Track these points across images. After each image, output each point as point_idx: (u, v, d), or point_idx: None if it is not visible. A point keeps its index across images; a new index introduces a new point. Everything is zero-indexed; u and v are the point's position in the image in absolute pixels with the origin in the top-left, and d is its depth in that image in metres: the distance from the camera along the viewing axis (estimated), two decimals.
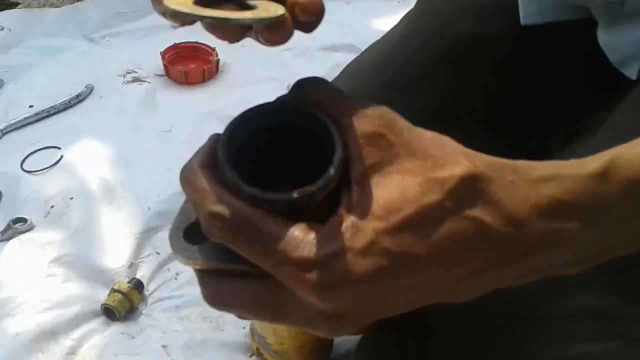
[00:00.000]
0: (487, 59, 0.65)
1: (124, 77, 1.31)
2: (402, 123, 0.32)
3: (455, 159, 0.31)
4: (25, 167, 1.11)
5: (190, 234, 0.35)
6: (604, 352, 0.44)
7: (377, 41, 0.85)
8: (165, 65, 1.33)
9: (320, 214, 0.31)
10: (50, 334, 0.88)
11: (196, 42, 1.37)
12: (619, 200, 0.32)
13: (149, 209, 1.03)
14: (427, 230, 0.30)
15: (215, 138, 0.34)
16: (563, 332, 0.45)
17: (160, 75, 1.34)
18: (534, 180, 0.32)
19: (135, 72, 1.33)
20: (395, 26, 0.82)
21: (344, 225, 0.30)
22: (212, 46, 1.35)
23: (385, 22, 1.27)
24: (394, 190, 0.30)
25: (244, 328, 0.90)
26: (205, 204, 0.32)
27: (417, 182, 0.30)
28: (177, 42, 1.36)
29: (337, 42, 1.40)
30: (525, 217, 0.31)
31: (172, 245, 0.35)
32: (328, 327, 0.32)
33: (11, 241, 0.99)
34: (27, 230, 1.00)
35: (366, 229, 0.30)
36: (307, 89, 0.35)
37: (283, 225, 0.31)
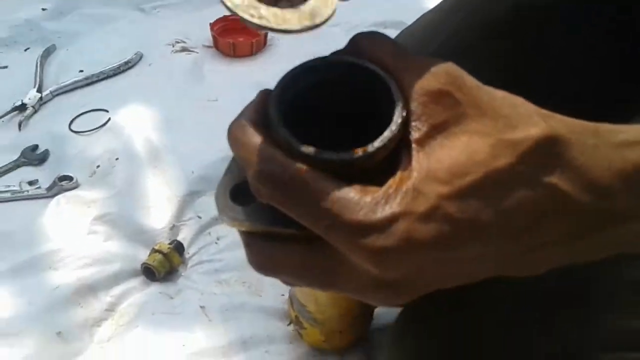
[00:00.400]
0: (528, 33, 0.63)
1: (173, 46, 1.32)
2: (471, 81, 0.29)
3: (530, 120, 0.28)
4: (73, 127, 1.12)
5: (238, 194, 0.33)
6: None
7: (428, 11, 0.83)
8: (214, 37, 1.32)
9: (376, 177, 0.29)
10: (89, 289, 0.88)
11: None
12: None
13: (193, 172, 1.02)
14: (496, 196, 0.27)
15: (264, 94, 0.32)
16: (614, 306, 0.42)
17: (209, 47, 1.33)
18: (618, 145, 0.29)
19: (184, 42, 1.33)
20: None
21: (404, 188, 0.28)
22: None
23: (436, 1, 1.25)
24: (461, 152, 0.28)
25: (283, 295, 0.88)
26: (254, 162, 0.29)
27: (487, 143, 0.28)
28: (227, 15, 1.36)
29: (387, 18, 1.38)
30: (608, 185, 0.28)
31: (218, 206, 0.32)
32: (381, 296, 0.30)
33: (56, 197, 1.00)
34: (72, 188, 1.01)
35: (428, 192, 0.27)
36: (364, 43, 0.32)
37: (337, 186, 0.28)
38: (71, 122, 1.13)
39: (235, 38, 1.34)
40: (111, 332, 0.84)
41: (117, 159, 1.05)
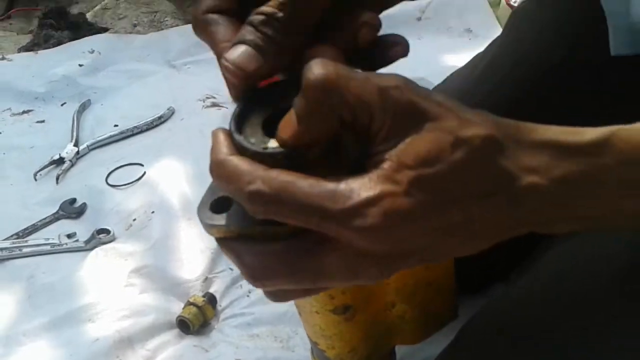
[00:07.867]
0: (578, 86, 0.65)
1: (204, 101, 1.37)
2: (424, 90, 0.37)
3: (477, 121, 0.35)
4: (109, 181, 1.17)
5: (217, 207, 0.38)
6: None
7: (460, 69, 0.86)
8: None
9: (321, 170, 0.34)
10: (128, 342, 0.90)
11: None
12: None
13: None
14: (460, 176, 0.33)
15: (220, 129, 0.37)
16: None
17: None
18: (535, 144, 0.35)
19: (214, 97, 1.38)
20: (479, 55, 0.82)
21: (378, 175, 0.32)
22: None
23: (457, 58, 1.28)
24: (429, 147, 0.33)
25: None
26: (242, 187, 0.33)
27: (448, 141, 0.33)
28: None
29: (409, 75, 1.41)
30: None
31: (200, 217, 0.38)
32: (373, 271, 0.34)
33: (94, 251, 1.03)
34: (109, 241, 1.05)
35: (402, 178, 0.32)
36: None
37: (316, 183, 0.32)
38: (108, 175, 1.17)
39: None
40: None
41: (152, 212, 1.09)
